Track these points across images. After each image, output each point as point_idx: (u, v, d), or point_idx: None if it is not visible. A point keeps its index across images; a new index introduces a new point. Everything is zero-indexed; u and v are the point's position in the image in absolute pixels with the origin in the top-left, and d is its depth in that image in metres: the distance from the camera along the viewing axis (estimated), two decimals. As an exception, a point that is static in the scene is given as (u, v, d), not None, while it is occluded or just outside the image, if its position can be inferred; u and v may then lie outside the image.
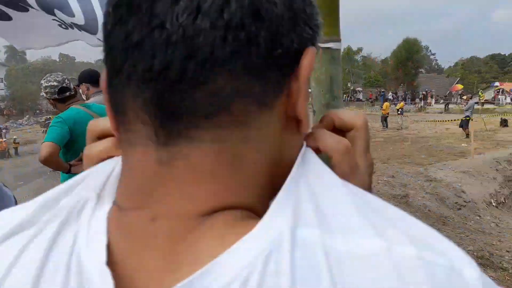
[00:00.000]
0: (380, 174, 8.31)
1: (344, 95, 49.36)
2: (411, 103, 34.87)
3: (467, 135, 13.90)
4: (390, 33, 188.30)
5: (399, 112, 19.25)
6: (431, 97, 37.06)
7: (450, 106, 31.34)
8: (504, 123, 17.31)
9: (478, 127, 16.75)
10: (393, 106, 21.38)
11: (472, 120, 13.99)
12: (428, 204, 6.41)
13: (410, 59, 42.27)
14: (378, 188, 7.25)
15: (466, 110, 14.81)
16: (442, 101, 36.50)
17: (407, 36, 44.64)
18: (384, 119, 18.65)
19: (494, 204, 7.35)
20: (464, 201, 6.88)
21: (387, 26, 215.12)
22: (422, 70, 76.38)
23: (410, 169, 8.64)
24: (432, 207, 6.28)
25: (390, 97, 36.39)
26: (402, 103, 20.95)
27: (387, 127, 18.54)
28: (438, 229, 4.41)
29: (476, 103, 34.91)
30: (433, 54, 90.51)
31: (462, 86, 40.13)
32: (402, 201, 6.54)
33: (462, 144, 11.10)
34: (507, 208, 7.93)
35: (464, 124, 14.35)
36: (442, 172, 8.02)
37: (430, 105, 34.81)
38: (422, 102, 35.32)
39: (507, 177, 8.21)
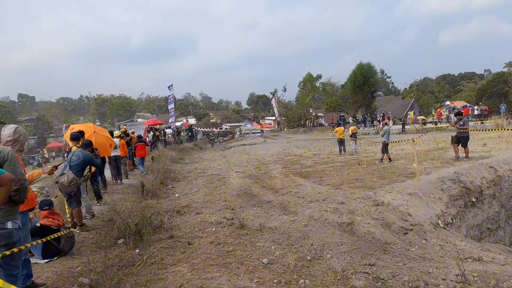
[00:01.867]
0: (330, 201, 8.13)
1: (307, 121, 50.21)
2: (371, 126, 35.74)
3: (390, 160, 14.03)
4: (346, 59, 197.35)
5: (352, 138, 19.09)
6: (389, 118, 38.33)
7: (407, 127, 32.41)
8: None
9: (431, 146, 17.22)
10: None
11: (388, 143, 14.11)
12: (373, 231, 6.21)
13: (366, 83, 43.79)
14: (325, 216, 7.03)
15: (382, 136, 14.80)
16: (399, 122, 37.69)
17: (360, 61, 46.37)
18: (340, 143, 18.80)
19: (441, 225, 7.27)
20: (411, 225, 6.74)
21: (343, 52, 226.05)
22: (380, 93, 79.75)
23: (361, 193, 8.52)
24: (376, 234, 6.07)
25: (350, 120, 37.20)
26: (353, 126, 20.63)
27: (344, 151, 18.66)
28: (377, 258, 4.11)
29: (430, 122, 36.53)
30: (389, 77, 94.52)
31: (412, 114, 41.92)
32: (347, 229, 6.32)
33: (413, 165, 11.19)
34: (455, 228, 7.89)
35: (383, 149, 14.33)
36: (390, 195, 7.92)
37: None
38: (381, 124, 36.33)
39: (452, 196, 8.21)
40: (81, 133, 7.96)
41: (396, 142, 14.16)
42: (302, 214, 7.34)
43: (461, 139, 12.65)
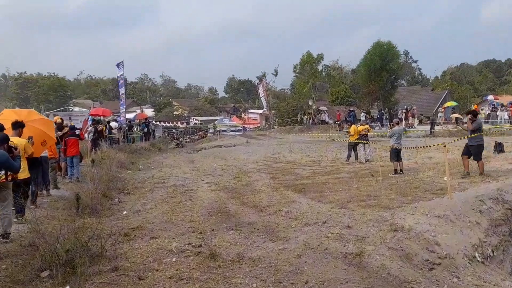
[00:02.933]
0: (332, 225, 8.21)
1: (305, 117, 50.51)
2: (389, 124, 36.19)
3: (396, 171, 14.33)
4: (360, 35, 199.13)
5: (361, 140, 18.93)
6: (413, 116, 38.87)
7: (437, 128, 32.91)
8: (499, 147, 18.00)
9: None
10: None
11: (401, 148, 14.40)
12: (389, 265, 6.28)
13: (384, 68, 44.33)
14: (326, 244, 7.07)
15: (390, 138, 15.12)
16: (427, 121, 38.28)
17: (379, 39, 46.60)
18: (353, 147, 18.92)
19: (479, 258, 7.42)
20: (439, 257, 6.86)
21: (356, 26, 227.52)
22: (403, 81, 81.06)
23: (373, 214, 8.62)
24: (393, 269, 6.15)
25: (362, 117, 37.54)
26: (364, 125, 20.49)
27: (356, 158, 18.76)
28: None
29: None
30: (415, 62, 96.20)
31: (453, 103, 42.43)
32: (355, 262, 6.37)
33: (444, 178, 11.38)
34: (497, 263, 8.07)
35: (393, 156, 14.58)
36: (412, 217, 8.04)
37: (412, 127, 36.37)
38: (403, 123, 36.81)
39: (494, 220, 8.40)
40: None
41: (422, 147, 14.41)
42: (294, 241, 7.36)
43: (471, 149, 12.73)
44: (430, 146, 14.52)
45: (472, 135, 12.53)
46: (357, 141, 18.72)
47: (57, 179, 13.62)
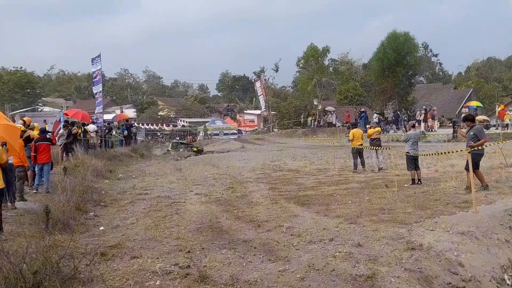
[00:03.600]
0: (340, 243, 8.20)
1: (310, 118, 50.59)
2: (404, 127, 36.28)
3: (414, 181, 14.39)
4: (372, 25, 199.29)
5: (372, 145, 19.02)
6: (433, 118, 38.93)
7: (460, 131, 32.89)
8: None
9: (495, 162, 17.59)
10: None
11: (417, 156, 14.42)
12: (405, 289, 6.29)
13: (400, 63, 44.45)
14: (333, 265, 7.07)
15: (405, 143, 15.22)
16: (449, 123, 38.41)
17: (394, 29, 46.77)
18: (357, 154, 18.86)
19: (508, 281, 7.42)
20: (462, 280, 6.86)
21: (368, 14, 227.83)
22: (422, 78, 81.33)
23: (388, 231, 8.61)
24: (410, 294, 6.15)
25: (375, 119, 37.63)
26: (376, 128, 20.30)
27: (363, 166, 18.65)
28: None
29: (493, 126, 37.12)
30: (436, 56, 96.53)
31: (477, 104, 42.43)
32: (366, 286, 6.37)
33: (468, 189, 11.41)
34: (529, 286, 8.07)
35: (409, 164, 14.61)
36: (432, 234, 8.05)
37: (431, 130, 36.47)
38: (422, 125, 36.93)
39: (525, 237, 8.40)
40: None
41: (443, 154, 14.43)
42: (297, 261, 7.35)
43: (468, 157, 12.55)
44: (452, 152, 14.55)
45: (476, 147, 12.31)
46: (361, 147, 18.70)
47: (24, 189, 13.58)
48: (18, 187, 12.87)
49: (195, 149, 38.53)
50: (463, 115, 40.69)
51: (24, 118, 18.06)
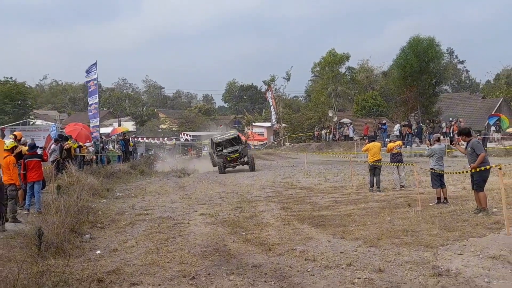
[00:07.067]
0: (359, 268, 8.17)
1: (324, 131, 50.56)
2: (428, 141, 36.14)
3: (440, 200, 14.26)
4: (393, 29, 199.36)
5: (393, 161, 18.96)
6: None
7: (490, 145, 32.73)
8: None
9: (529, 178, 17.48)
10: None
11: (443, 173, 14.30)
12: (431, 319, 6.25)
13: (424, 71, 44.35)
14: (352, 293, 7.05)
15: (429, 157, 15.21)
16: (478, 136, 38.20)
17: (417, 34, 46.66)
18: (374, 170, 18.40)
19: (546, 312, 7.34)
20: (494, 310, 6.80)
21: (388, 16, 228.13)
22: (447, 87, 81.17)
23: (411, 254, 8.57)
24: (436, 325, 6.11)
25: (396, 131, 37.54)
26: (396, 141, 19.97)
27: (378, 186, 18.31)
28: None
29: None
30: (462, 63, 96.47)
31: (504, 118, 42.00)
32: (388, 316, 6.34)
33: (499, 209, 11.34)
34: None
35: (434, 182, 14.47)
36: (460, 258, 7.98)
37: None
38: (448, 138, 36.72)
39: None
40: None
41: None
42: (312, 288, 7.33)
43: (471, 175, 12.60)
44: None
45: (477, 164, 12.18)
46: (377, 163, 18.47)
47: (17, 210, 13.61)
48: (10, 207, 12.92)
49: None
50: (492, 128, 40.98)
51: (15, 133, 18.17)
